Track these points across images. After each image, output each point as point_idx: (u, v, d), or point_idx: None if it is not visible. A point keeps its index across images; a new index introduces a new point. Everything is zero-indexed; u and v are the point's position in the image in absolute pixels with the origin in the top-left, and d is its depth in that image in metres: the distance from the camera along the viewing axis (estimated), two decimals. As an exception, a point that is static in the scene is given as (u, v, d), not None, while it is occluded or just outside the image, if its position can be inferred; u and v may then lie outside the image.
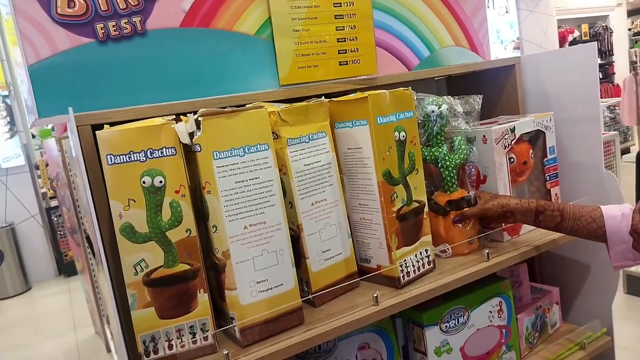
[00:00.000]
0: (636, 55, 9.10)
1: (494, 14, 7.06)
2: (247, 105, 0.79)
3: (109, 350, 3.04)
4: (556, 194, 1.19)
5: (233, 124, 0.75)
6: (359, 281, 0.94)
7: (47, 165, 4.76)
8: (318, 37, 1.00)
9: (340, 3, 1.01)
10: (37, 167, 5.06)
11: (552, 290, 1.27)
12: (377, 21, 1.09)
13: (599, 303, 1.26)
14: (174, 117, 0.76)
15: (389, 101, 0.90)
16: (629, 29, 10.37)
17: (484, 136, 1.08)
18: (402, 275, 0.91)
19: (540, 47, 7.56)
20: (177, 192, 0.73)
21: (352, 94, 0.93)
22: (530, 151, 1.14)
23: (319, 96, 0.94)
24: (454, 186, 1.04)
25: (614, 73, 8.97)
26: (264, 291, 0.76)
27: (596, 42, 1.17)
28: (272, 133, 0.81)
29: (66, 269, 4.95)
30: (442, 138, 1.05)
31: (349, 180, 0.95)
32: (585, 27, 9.31)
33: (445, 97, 1.05)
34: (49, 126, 4.74)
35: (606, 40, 9.29)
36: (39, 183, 5.07)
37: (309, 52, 1.00)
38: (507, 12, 7.52)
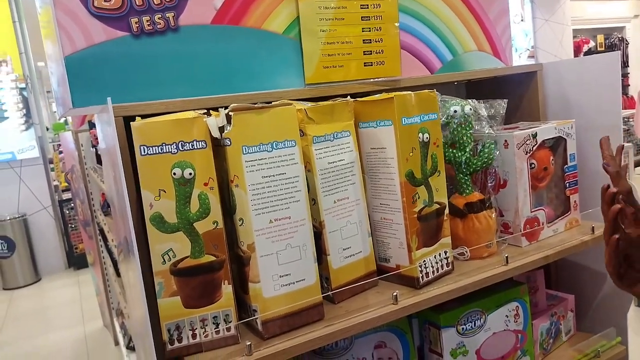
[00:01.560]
0: (652, 67, 9.01)
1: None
2: (275, 102, 0.80)
3: (117, 343, 3.07)
4: (575, 201, 1.19)
5: (262, 120, 0.76)
6: (378, 280, 0.94)
7: (61, 157, 4.82)
8: (344, 38, 1.02)
9: (367, 5, 1.02)
10: (51, 161, 5.12)
11: (568, 298, 1.27)
12: (402, 24, 1.10)
13: (613, 312, 1.25)
14: (205, 111, 0.78)
15: (414, 103, 0.91)
16: (646, 41, 10.27)
17: (505, 141, 1.08)
18: (421, 275, 0.91)
19: (555, 57, 7.53)
20: (205, 184, 0.74)
21: (377, 95, 0.94)
22: (551, 157, 1.15)
23: (344, 96, 0.95)
24: (469, 188, 1.05)
25: (629, 85, 8.89)
26: (286, 285, 0.77)
27: (619, 52, 1.17)
28: (299, 130, 0.82)
29: (76, 261, 5.00)
30: (468, 140, 1.04)
31: (371, 179, 0.96)
32: (600, 38, 9.25)
33: (469, 100, 1.06)
34: (62, 120, 4.80)
35: (622, 52, 9.22)
36: (52, 176, 5.14)
37: (334, 52, 1.01)
38: (522, 20, 7.49)
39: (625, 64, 9.05)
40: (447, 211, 0.97)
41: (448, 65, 1.20)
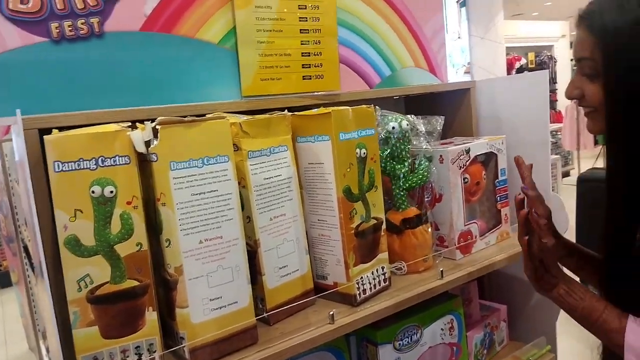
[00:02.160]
0: (576, 85, 9.70)
1: (448, 39, 7.35)
2: (208, 115, 0.76)
3: (43, 366, 2.85)
4: (506, 214, 1.23)
5: (192, 134, 0.72)
6: (315, 299, 0.92)
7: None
8: (282, 50, 1.00)
9: (306, 18, 1.01)
10: (-28, 168, 4.73)
11: (500, 308, 1.31)
12: (342, 38, 1.10)
13: (544, 321, 1.31)
14: (130, 124, 0.73)
15: (352, 118, 0.91)
16: (571, 60, 11.07)
17: (440, 156, 1.10)
18: (358, 292, 0.90)
19: (490, 73, 7.93)
20: (128, 203, 0.69)
21: (315, 109, 0.93)
22: (483, 172, 1.18)
23: (281, 109, 0.93)
24: (405, 203, 1.06)
25: (557, 100, 9.52)
26: (217, 309, 0.73)
27: (547, 70, 1.23)
28: (233, 145, 0.79)
29: (-1, 278, 4.63)
30: (407, 155, 1.06)
31: (309, 195, 0.94)
32: (532, 56, 9.86)
33: (408, 115, 1.07)
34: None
35: (550, 69, 9.87)
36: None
37: (272, 65, 0.99)
38: (459, 37, 7.86)
39: (553, 80, 9.69)
40: (384, 226, 0.97)
41: (387, 81, 1.21)
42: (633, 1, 0.68)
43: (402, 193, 1.06)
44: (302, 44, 1.01)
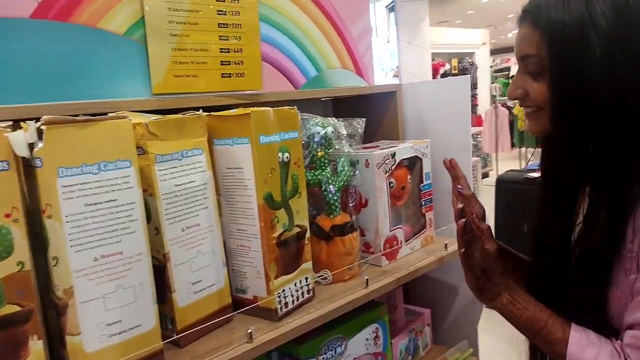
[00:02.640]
0: (496, 90, 10.33)
1: (377, 42, 7.50)
2: (109, 115, 0.67)
3: None
4: (430, 219, 1.23)
5: (86, 136, 0.63)
6: (233, 315, 0.86)
7: None
8: (199, 45, 0.92)
9: (225, 11, 0.94)
10: None
11: (424, 312, 1.31)
12: (265, 35, 1.04)
13: (466, 324, 1.33)
14: (11, 123, 0.62)
15: (273, 120, 0.85)
16: (491, 66, 11.75)
17: (366, 160, 1.07)
18: (279, 306, 0.85)
19: (416, 77, 8.19)
20: (7, 215, 0.59)
21: (234, 110, 0.86)
22: (409, 176, 1.17)
23: (197, 109, 0.85)
24: (337, 210, 1.02)
25: (477, 105, 10.06)
26: (116, 334, 0.65)
27: (469, 75, 1.25)
28: (138, 148, 0.71)
29: None
30: (327, 160, 1.02)
31: (227, 202, 0.87)
32: (455, 62, 10.34)
33: (330, 118, 1.03)
34: None
35: (472, 75, 10.40)
36: None
37: (187, 60, 0.91)
38: (388, 41, 8.04)
39: (474, 85, 10.22)
40: (308, 234, 0.93)
41: (312, 81, 1.16)
42: None
43: (335, 197, 1.01)
44: (220, 39, 0.94)
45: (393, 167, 1.10)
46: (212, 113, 0.85)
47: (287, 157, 0.87)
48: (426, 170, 1.20)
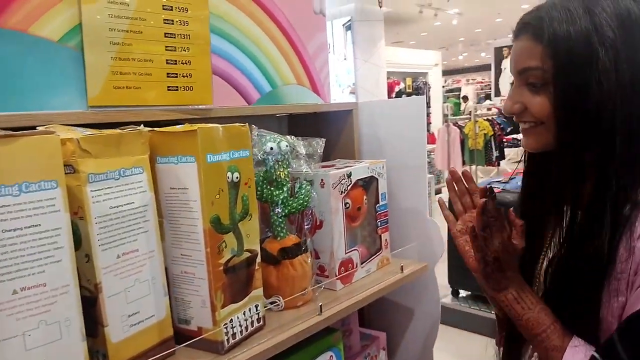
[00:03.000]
0: (448, 109, 10.67)
1: (334, 59, 7.59)
2: (36, 129, 0.60)
3: None
4: (386, 240, 1.20)
5: (6, 153, 0.55)
6: (176, 349, 0.78)
7: None
8: (142, 55, 0.86)
9: (172, 21, 0.89)
10: None
11: (379, 336, 1.27)
12: (216, 47, 0.99)
13: (422, 346, 1.30)
14: None
15: (222, 137, 0.80)
16: (443, 86, 12.16)
17: (322, 180, 1.04)
18: (226, 338, 0.79)
19: (373, 95, 8.33)
20: None
21: (180, 125, 0.80)
22: (365, 197, 1.14)
23: (138, 124, 0.79)
24: (284, 231, 0.97)
25: (430, 123, 10.33)
26: (35, 379, 0.57)
27: (424, 96, 1.24)
28: (67, 166, 0.64)
29: None
30: (286, 179, 0.97)
31: (171, 226, 0.81)
32: (409, 81, 10.62)
33: (288, 136, 0.99)
34: None
35: (425, 94, 10.71)
36: None
37: (129, 71, 0.84)
38: (345, 59, 8.15)
39: (428, 104, 10.52)
40: (259, 259, 0.87)
41: (266, 97, 1.12)
42: (579, 9, 0.66)
43: (280, 220, 0.97)
44: (167, 49, 0.88)
45: (349, 188, 1.07)
46: (156, 129, 0.79)
47: (237, 177, 0.82)
48: (382, 191, 1.18)
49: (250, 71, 1.09)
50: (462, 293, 3.62)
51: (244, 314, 0.83)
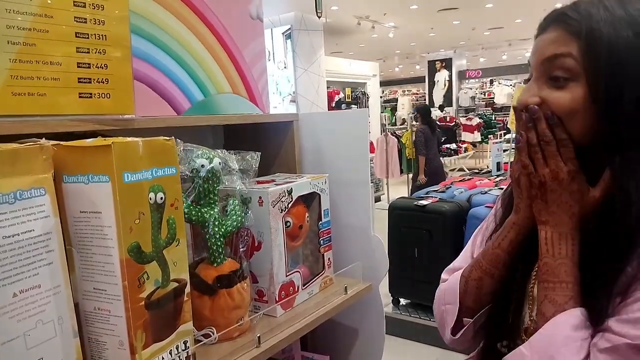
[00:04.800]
0: (385, 119, 10.89)
1: (274, 67, 7.53)
2: None
3: None
4: (329, 259, 1.14)
5: None
6: (85, 401, 0.67)
7: None
8: (49, 57, 0.74)
9: (85, 19, 0.77)
10: None
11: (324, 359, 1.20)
12: (139, 50, 0.89)
13: (366, 369, 1.24)
14: None
15: (143, 153, 0.70)
16: (381, 97, 12.43)
17: (260, 198, 0.95)
18: (149, 385, 0.68)
19: (313, 104, 8.35)
20: None
21: (92, 139, 0.70)
22: (306, 214, 1.07)
23: (41, 136, 0.67)
24: (221, 257, 0.88)
25: (369, 132, 10.51)
26: None
27: (367, 108, 1.20)
28: (-60, 191, 0.52)
29: None
30: (216, 197, 0.89)
31: (81, 255, 0.69)
32: (348, 91, 10.76)
33: (219, 150, 0.90)
34: None
35: (364, 104, 10.88)
36: None
37: (32, 75, 0.72)
38: (285, 67, 8.11)
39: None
40: (187, 289, 0.77)
41: (198, 107, 1.02)
42: (615, 5, 0.63)
43: (219, 243, 0.87)
44: (78, 51, 0.77)
45: (289, 205, 0.99)
46: (62, 142, 0.67)
47: (162, 198, 0.72)
48: (325, 207, 1.11)
49: (179, 77, 0.99)
50: (402, 301, 3.64)
51: (170, 353, 0.73)
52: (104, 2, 0.79)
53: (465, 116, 12.23)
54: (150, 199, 0.70)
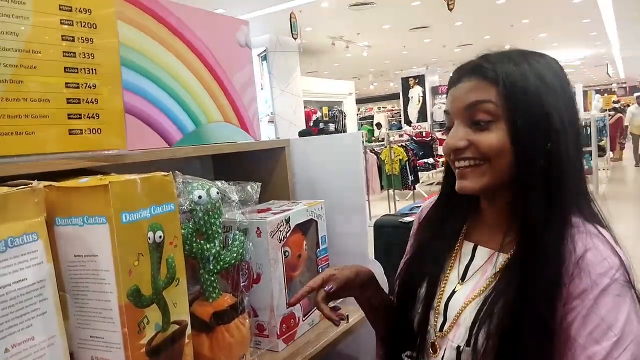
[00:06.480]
0: (363, 136, 11.00)
1: (252, 89, 7.53)
2: None
3: None
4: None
5: None
6: None
7: None
8: (37, 94, 0.71)
9: (74, 53, 0.75)
10: None
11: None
12: (128, 83, 0.86)
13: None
14: None
15: (141, 190, 0.67)
16: (357, 114, 12.55)
17: (257, 228, 0.93)
18: None
19: (291, 123, 8.36)
20: None
21: (86, 178, 0.66)
22: (304, 242, 1.05)
23: (32, 177, 0.64)
24: (217, 291, 0.85)
25: (348, 150, 10.53)
26: None
27: (362, 133, 1.19)
28: None
29: None
30: (219, 229, 0.85)
31: (77, 302, 0.65)
32: (325, 109, 10.82)
33: (217, 182, 0.87)
34: None
35: (341, 122, 10.96)
36: None
37: (20, 113, 0.69)
38: (262, 88, 8.13)
39: (344, 131, 10.76)
40: (189, 331, 0.74)
41: (190, 137, 0.99)
42: (520, 57, 0.71)
43: (212, 278, 0.84)
44: (67, 86, 0.74)
45: (288, 234, 0.97)
46: (54, 183, 0.64)
47: (160, 237, 0.69)
48: (322, 234, 1.09)
49: (169, 108, 0.96)
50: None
51: (174, 401, 0.69)
52: (93, 35, 0.76)
53: (441, 131, 12.43)
54: (149, 238, 0.67)
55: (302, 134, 6.95)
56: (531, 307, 0.65)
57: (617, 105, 15.03)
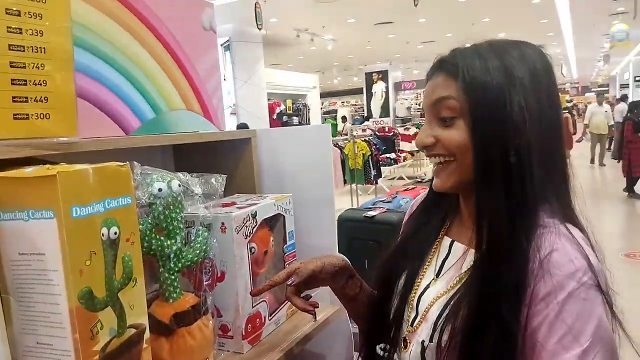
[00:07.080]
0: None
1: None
2: None
3: None
4: (295, 283, 1.07)
5: None
6: None
7: None
8: (-25, 73, 0.63)
9: (20, 29, 0.67)
10: None
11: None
12: (82, 64, 0.79)
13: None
14: None
15: (94, 181, 0.61)
16: (321, 108, 12.53)
17: (222, 224, 0.88)
18: None
19: (255, 116, 8.24)
20: None
21: (32, 167, 0.60)
22: (271, 238, 1.01)
23: (-32, 167, 0.56)
24: (177, 291, 0.79)
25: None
26: None
27: (330, 125, 1.16)
28: None
29: None
30: (180, 225, 0.80)
31: (21, 305, 0.59)
32: (289, 102, 10.74)
33: (179, 173, 0.81)
34: None
35: (305, 116, 10.92)
36: None
37: (-46, 94, 0.61)
38: (224, 79, 7.95)
39: (308, 124, 10.72)
40: (147, 335, 0.68)
41: (149, 125, 0.93)
42: (490, 52, 0.69)
43: (173, 277, 0.79)
44: (12, 66, 0.66)
45: (254, 230, 0.92)
46: (-5, 173, 0.57)
47: (116, 233, 0.63)
48: (289, 229, 1.05)
49: (127, 94, 0.89)
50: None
51: (131, 411, 0.64)
52: (42, 11, 0.69)
53: (403, 126, 12.60)
54: (103, 235, 0.61)
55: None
56: (492, 308, 0.63)
57: (569, 105, 15.62)
